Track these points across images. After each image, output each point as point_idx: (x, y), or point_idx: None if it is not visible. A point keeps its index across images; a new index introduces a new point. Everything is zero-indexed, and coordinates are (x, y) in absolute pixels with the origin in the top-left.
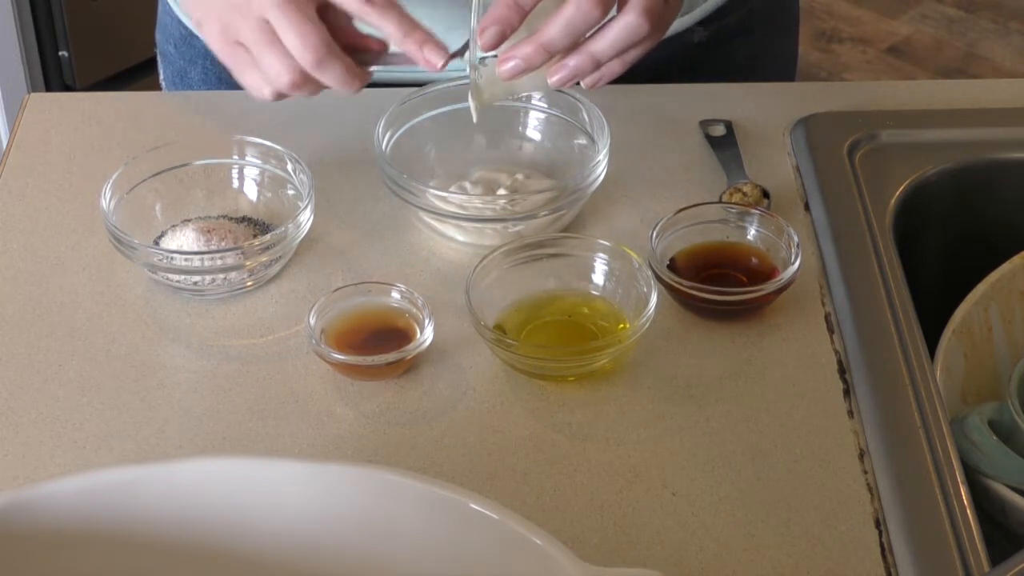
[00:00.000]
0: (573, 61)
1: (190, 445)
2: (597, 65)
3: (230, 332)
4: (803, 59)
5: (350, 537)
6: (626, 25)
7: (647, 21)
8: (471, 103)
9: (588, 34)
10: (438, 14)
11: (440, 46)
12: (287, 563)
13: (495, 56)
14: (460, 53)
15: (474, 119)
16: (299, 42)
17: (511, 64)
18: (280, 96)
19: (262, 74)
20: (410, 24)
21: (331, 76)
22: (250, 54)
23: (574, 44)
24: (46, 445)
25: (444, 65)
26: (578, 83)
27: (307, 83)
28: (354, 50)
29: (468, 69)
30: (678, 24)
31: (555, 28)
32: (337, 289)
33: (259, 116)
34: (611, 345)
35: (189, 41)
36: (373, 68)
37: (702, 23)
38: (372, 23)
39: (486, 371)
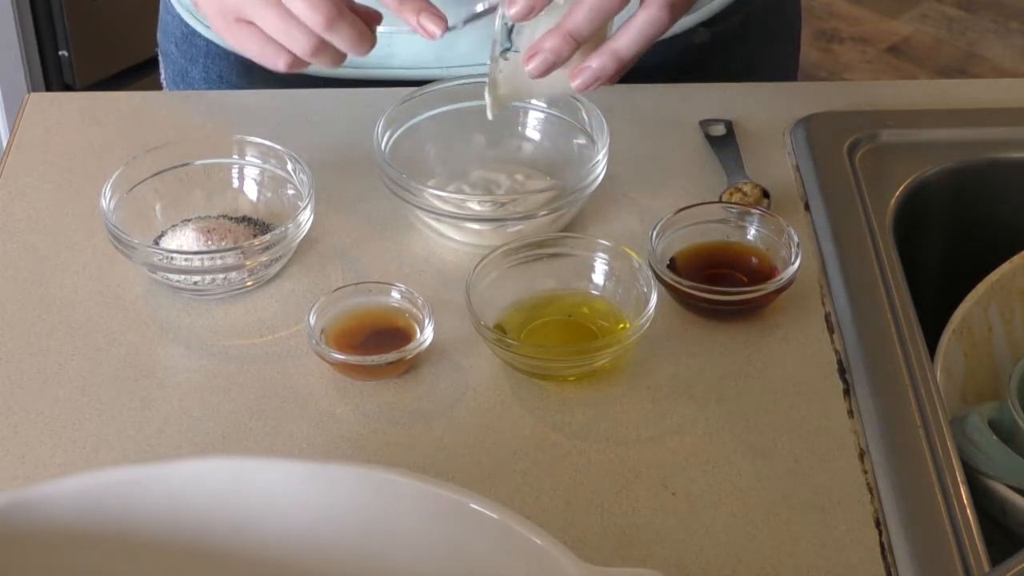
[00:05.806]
0: (596, 62)
1: (190, 445)
2: (620, 64)
3: (230, 332)
4: (803, 59)
5: (350, 537)
6: (649, 18)
7: (668, 14)
8: (487, 99)
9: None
10: None
11: (438, 14)
12: (287, 563)
13: (516, 51)
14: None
15: (489, 115)
16: (307, 6)
17: (539, 58)
18: (296, 65)
19: (274, 45)
20: None
21: (342, 37)
22: (256, 28)
23: (598, 34)
24: (46, 445)
25: (442, 35)
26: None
27: (323, 49)
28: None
29: (489, 62)
30: (681, 24)
31: (580, 14)
32: (337, 289)
33: (259, 116)
34: (611, 345)
35: (190, 40)
36: (380, 29)
37: (705, 24)
38: None
39: (486, 371)
